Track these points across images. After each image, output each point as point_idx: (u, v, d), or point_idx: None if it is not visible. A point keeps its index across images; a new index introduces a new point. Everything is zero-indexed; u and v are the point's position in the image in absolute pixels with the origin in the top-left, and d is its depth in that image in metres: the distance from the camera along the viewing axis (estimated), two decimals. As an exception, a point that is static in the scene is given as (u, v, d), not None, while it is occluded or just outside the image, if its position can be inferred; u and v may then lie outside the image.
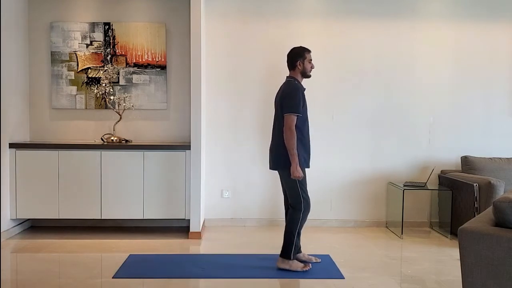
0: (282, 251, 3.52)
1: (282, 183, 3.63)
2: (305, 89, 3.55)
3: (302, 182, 3.45)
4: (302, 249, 3.79)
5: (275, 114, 3.57)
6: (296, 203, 3.47)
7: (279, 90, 3.59)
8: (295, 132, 3.35)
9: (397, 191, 4.74)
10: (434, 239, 4.61)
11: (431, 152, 5.03)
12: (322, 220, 5.00)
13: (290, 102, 3.38)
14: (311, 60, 3.57)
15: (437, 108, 5.01)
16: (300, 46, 3.59)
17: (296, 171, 3.34)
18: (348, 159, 4.99)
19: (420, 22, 4.95)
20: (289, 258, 3.49)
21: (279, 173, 3.57)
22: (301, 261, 3.62)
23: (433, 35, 4.97)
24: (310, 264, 3.52)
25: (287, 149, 3.36)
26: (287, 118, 3.36)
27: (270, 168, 3.61)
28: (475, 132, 5.05)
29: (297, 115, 3.37)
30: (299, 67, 3.53)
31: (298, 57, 3.53)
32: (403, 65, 4.98)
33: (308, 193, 3.52)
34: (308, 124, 3.53)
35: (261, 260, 3.76)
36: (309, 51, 3.57)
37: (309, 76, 3.60)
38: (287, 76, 3.60)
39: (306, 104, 3.49)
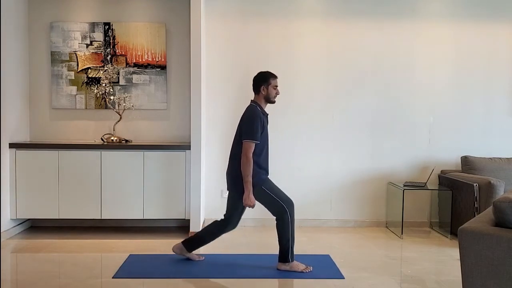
0: (279, 257, 3.52)
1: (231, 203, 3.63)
2: (267, 114, 3.57)
3: (272, 190, 3.48)
4: (302, 249, 3.78)
5: (234, 136, 3.58)
6: (278, 210, 3.47)
7: (242, 115, 3.57)
8: (252, 160, 3.37)
9: (397, 191, 4.74)
10: (434, 239, 4.61)
11: (431, 152, 5.03)
12: (322, 220, 5.00)
13: (248, 128, 3.40)
14: (276, 86, 3.56)
15: (437, 108, 5.01)
16: (267, 71, 3.58)
17: (248, 198, 3.37)
18: (348, 159, 4.99)
19: (420, 22, 4.95)
20: (287, 262, 3.49)
21: (234, 196, 3.54)
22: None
23: (433, 35, 4.97)
24: (311, 267, 3.52)
25: (243, 176, 3.37)
26: (245, 145, 3.38)
27: (228, 190, 3.60)
28: (475, 132, 5.05)
29: (255, 142, 3.39)
30: (263, 92, 3.52)
31: (262, 82, 3.52)
32: (403, 65, 4.98)
33: (284, 193, 3.54)
34: (267, 148, 3.54)
35: (261, 260, 3.76)
36: (275, 77, 3.56)
37: (273, 102, 3.59)
38: (251, 100, 3.59)
39: (266, 130, 3.51)
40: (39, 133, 4.87)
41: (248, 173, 3.35)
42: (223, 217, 3.64)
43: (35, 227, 4.77)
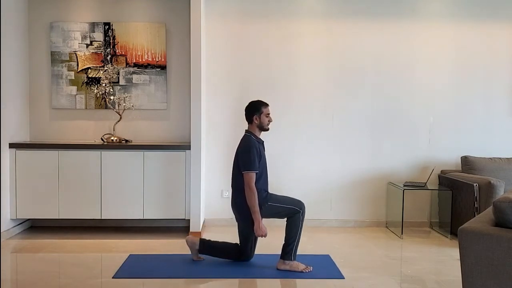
0: (282, 254, 3.53)
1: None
2: (263, 141, 3.63)
3: (278, 201, 3.53)
4: (302, 249, 3.78)
5: (233, 168, 3.62)
6: (292, 213, 3.51)
7: (238, 146, 3.62)
8: (255, 190, 3.42)
9: (397, 191, 4.74)
10: (434, 239, 4.61)
11: (431, 152, 5.03)
12: (322, 220, 5.00)
13: (246, 159, 3.45)
14: (268, 114, 3.60)
15: (437, 108, 5.01)
16: (258, 100, 3.62)
17: (259, 229, 3.42)
18: (348, 159, 4.99)
19: (420, 22, 4.95)
20: (289, 259, 3.50)
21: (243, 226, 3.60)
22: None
23: (433, 35, 4.97)
24: (311, 267, 3.52)
25: (249, 207, 3.43)
26: (246, 176, 3.44)
27: (237, 221, 3.66)
28: (475, 132, 5.05)
29: (255, 172, 3.44)
30: (256, 122, 3.57)
31: (255, 112, 3.56)
32: (403, 65, 4.98)
33: (291, 197, 3.61)
34: (266, 173, 3.61)
35: (261, 260, 3.76)
36: (266, 105, 3.60)
37: (266, 130, 3.62)
38: (245, 130, 3.65)
39: (264, 158, 3.58)
40: (39, 133, 4.87)
41: (254, 203, 3.41)
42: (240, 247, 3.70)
43: (35, 227, 4.77)
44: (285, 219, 3.58)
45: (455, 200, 4.60)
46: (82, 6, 4.84)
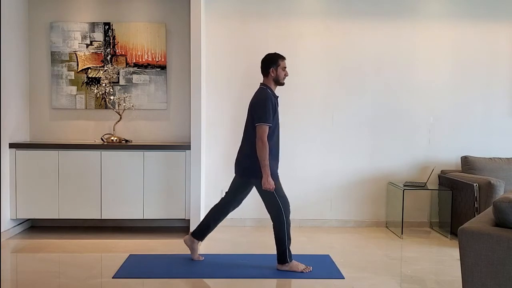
0: (278, 258, 3.51)
1: (237, 190, 3.60)
2: (277, 96, 3.53)
3: (276, 189, 3.44)
4: (302, 249, 3.79)
5: (246, 121, 3.54)
6: (275, 211, 3.45)
7: (252, 98, 3.54)
8: (267, 143, 3.34)
9: (397, 191, 4.74)
10: (434, 239, 4.61)
11: (431, 152, 5.03)
12: (322, 220, 5.00)
13: (261, 112, 3.36)
14: (285, 67, 3.51)
15: (437, 108, 5.01)
16: (275, 53, 3.54)
17: (267, 182, 3.34)
18: (348, 159, 4.99)
19: (420, 22, 4.95)
20: (286, 262, 3.49)
21: (247, 182, 3.53)
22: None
23: (433, 35, 4.97)
24: (311, 267, 3.52)
25: (259, 160, 3.34)
26: (259, 129, 3.35)
27: (239, 176, 3.56)
28: (475, 132, 5.05)
29: (269, 125, 3.36)
30: (272, 74, 3.48)
31: (271, 64, 3.48)
32: (403, 65, 4.98)
33: (284, 192, 3.51)
34: (278, 131, 3.53)
35: (261, 260, 3.76)
36: (283, 58, 3.52)
37: (282, 84, 3.54)
38: (260, 83, 3.56)
39: (277, 113, 3.49)
40: (39, 133, 4.87)
41: (265, 156, 3.32)
42: (223, 200, 3.61)
43: (35, 227, 4.77)
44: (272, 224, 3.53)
45: (455, 200, 4.60)
46: (82, 6, 4.84)
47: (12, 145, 4.40)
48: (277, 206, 3.44)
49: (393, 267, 3.74)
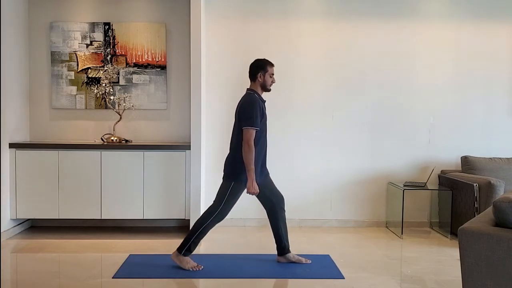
0: (180, 245, 3.48)
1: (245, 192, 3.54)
2: (265, 101, 3.54)
3: (232, 196, 3.43)
4: (300, 249, 3.79)
5: (234, 125, 3.55)
6: (216, 205, 3.45)
7: (239, 102, 3.56)
8: (253, 147, 3.34)
9: (397, 191, 4.74)
10: (434, 239, 4.61)
11: (431, 152, 5.03)
12: (322, 220, 5.00)
13: (248, 115, 3.36)
14: (272, 74, 3.54)
15: (437, 108, 5.01)
16: (264, 59, 3.56)
17: (251, 186, 3.34)
18: (348, 159, 4.99)
19: (420, 22, 4.95)
20: (180, 253, 3.45)
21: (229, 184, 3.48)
22: (290, 262, 3.65)
23: (433, 35, 4.97)
24: (202, 266, 3.49)
25: (245, 164, 3.34)
26: (246, 132, 3.35)
27: (223, 179, 3.54)
28: (475, 132, 5.05)
29: (255, 129, 3.36)
30: (260, 80, 3.50)
31: (259, 69, 3.50)
32: (403, 65, 4.98)
33: (233, 205, 3.49)
34: (265, 136, 3.53)
35: (261, 260, 3.77)
36: (272, 64, 3.54)
37: (268, 90, 3.56)
38: (247, 88, 3.57)
39: (265, 117, 3.49)
40: (39, 133, 4.87)
41: (251, 161, 3.31)
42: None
43: (35, 227, 4.77)
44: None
45: (455, 200, 4.60)
46: (82, 6, 4.84)
47: (12, 145, 4.40)
48: (219, 204, 3.43)
49: (393, 267, 3.74)
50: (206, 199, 4.91)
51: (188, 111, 4.78)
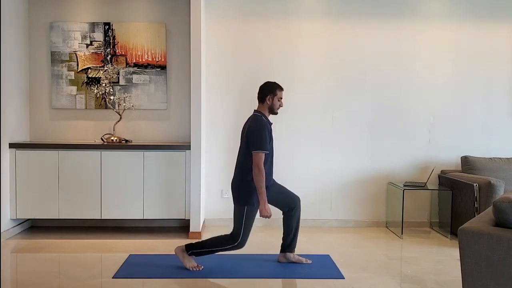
0: (191, 244, 3.48)
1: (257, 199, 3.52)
2: (271, 123, 3.56)
3: (249, 220, 3.41)
4: (300, 249, 3.79)
5: (240, 146, 3.53)
6: (236, 233, 3.41)
7: (245, 123, 3.56)
8: (264, 170, 3.35)
9: (397, 191, 4.74)
10: (434, 239, 4.61)
11: (431, 152, 5.03)
12: (322, 220, 5.00)
13: (257, 139, 3.37)
14: (281, 98, 3.55)
15: (437, 108, 5.01)
16: (274, 82, 3.57)
17: (264, 209, 3.34)
18: (348, 159, 4.99)
19: (420, 22, 4.95)
20: (187, 251, 3.46)
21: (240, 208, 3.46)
22: (291, 262, 3.66)
23: (433, 35, 4.97)
24: (202, 266, 3.49)
25: (256, 187, 3.34)
26: (255, 156, 3.35)
27: (234, 203, 3.50)
28: (475, 132, 5.05)
29: (265, 152, 3.37)
30: (268, 102, 3.51)
31: (269, 93, 3.51)
32: (403, 65, 4.98)
33: (249, 232, 3.46)
34: (272, 156, 3.55)
35: (261, 260, 3.77)
36: (281, 88, 3.56)
37: (275, 113, 3.58)
38: (254, 110, 3.58)
39: (272, 140, 3.50)
40: (39, 133, 4.87)
41: (262, 184, 3.33)
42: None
43: (35, 227, 4.77)
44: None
45: (455, 200, 4.60)
46: (82, 6, 4.84)
47: (12, 145, 4.40)
48: (239, 233, 3.40)
49: (393, 267, 3.74)
50: (206, 199, 4.92)
51: (188, 111, 4.78)
